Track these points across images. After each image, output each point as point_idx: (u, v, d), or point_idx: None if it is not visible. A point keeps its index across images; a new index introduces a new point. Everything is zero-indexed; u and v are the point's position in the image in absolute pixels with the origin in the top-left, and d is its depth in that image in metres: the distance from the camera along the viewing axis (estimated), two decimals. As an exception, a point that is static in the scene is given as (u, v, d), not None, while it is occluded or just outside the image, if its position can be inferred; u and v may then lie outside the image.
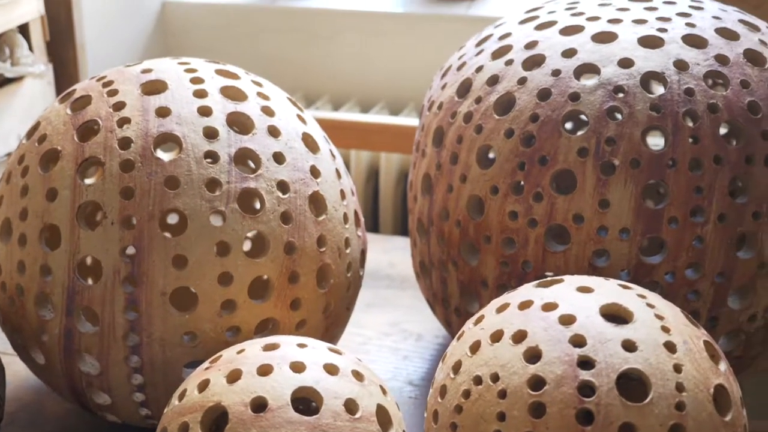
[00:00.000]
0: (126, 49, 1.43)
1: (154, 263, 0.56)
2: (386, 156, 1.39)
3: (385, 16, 1.46)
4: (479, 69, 0.67)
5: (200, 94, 0.61)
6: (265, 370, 0.49)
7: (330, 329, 0.65)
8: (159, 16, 1.53)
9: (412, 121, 1.20)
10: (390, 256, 1.03)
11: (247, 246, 0.70)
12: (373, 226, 1.48)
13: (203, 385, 0.50)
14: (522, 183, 0.61)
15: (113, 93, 0.61)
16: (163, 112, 0.59)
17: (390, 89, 1.48)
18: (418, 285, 0.77)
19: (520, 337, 0.48)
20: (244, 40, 1.54)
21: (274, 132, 0.61)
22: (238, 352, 0.51)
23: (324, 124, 1.10)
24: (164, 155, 0.58)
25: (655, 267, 0.60)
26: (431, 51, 1.42)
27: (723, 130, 0.60)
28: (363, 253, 0.68)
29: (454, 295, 0.69)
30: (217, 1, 1.55)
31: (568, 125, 0.63)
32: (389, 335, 0.85)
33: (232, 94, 0.62)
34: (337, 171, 0.65)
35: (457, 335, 0.54)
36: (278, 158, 0.60)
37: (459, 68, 0.70)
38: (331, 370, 0.51)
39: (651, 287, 0.60)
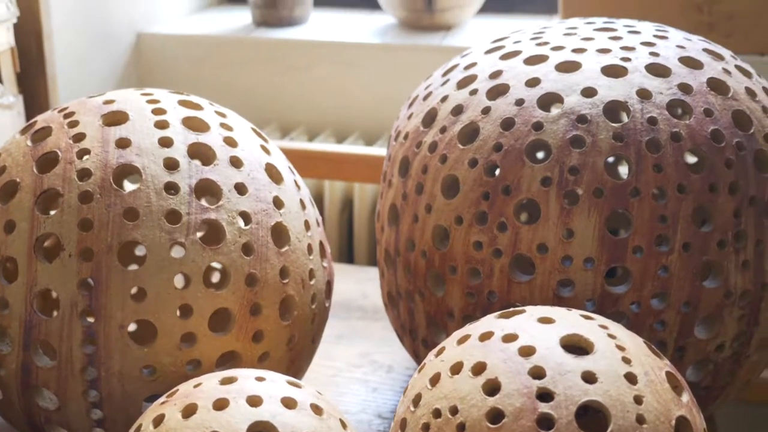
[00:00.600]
0: (100, 81, 1.43)
1: (112, 296, 0.55)
2: (360, 186, 1.39)
3: (360, 46, 1.47)
4: (444, 99, 0.66)
5: (161, 125, 0.60)
6: (221, 405, 0.48)
7: (295, 362, 0.64)
8: (134, 47, 1.52)
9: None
10: (363, 286, 1.02)
11: (216, 277, 0.69)
12: (348, 257, 1.47)
13: (158, 420, 0.49)
14: (486, 213, 0.61)
15: (74, 124, 0.60)
16: (123, 144, 0.58)
17: (365, 119, 1.48)
18: (387, 316, 0.76)
19: (479, 369, 0.48)
20: (219, 71, 1.54)
21: (236, 163, 0.61)
22: (195, 386, 0.51)
23: (297, 154, 1.10)
24: (131, 186, 0.58)
25: (621, 297, 0.59)
26: (407, 81, 1.42)
27: (693, 159, 0.60)
28: (329, 284, 0.68)
29: (421, 326, 0.68)
30: (192, 32, 1.55)
31: (540, 155, 0.63)
32: (359, 367, 0.85)
33: (194, 125, 0.62)
34: (302, 202, 0.65)
35: (419, 367, 0.53)
36: (240, 189, 0.60)
37: (425, 98, 0.69)
38: (289, 403, 0.50)
39: (617, 317, 0.60)
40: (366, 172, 1.12)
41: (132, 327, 0.62)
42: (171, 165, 0.58)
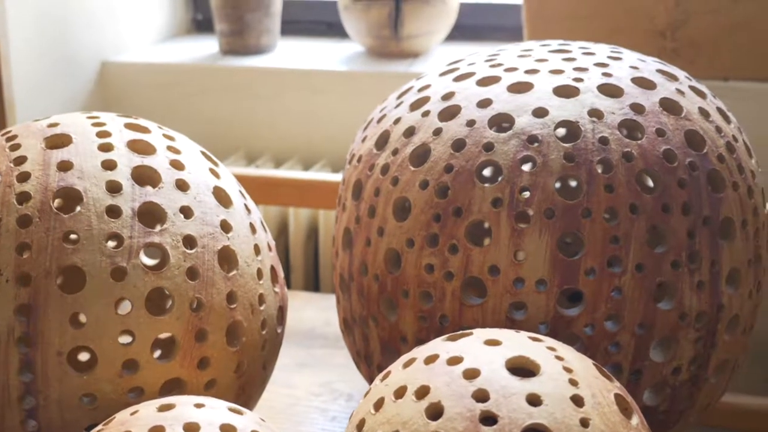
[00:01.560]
0: (62, 109, 1.41)
1: (50, 322, 0.54)
2: (325, 213, 1.37)
3: (326, 74, 1.46)
4: (397, 121, 0.66)
5: (105, 147, 0.59)
6: (156, 432, 0.47)
7: (245, 389, 0.63)
8: (98, 76, 1.51)
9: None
10: (326, 314, 1.01)
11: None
12: (314, 285, 1.46)
13: (93, 449, 0.48)
14: (437, 235, 0.60)
15: (15, 147, 0.59)
16: (64, 166, 0.57)
17: (332, 147, 1.47)
18: (345, 343, 0.75)
19: (423, 392, 0.47)
20: (185, 99, 1.53)
21: (182, 186, 0.59)
22: (132, 414, 0.49)
23: (261, 181, 1.09)
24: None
25: (574, 319, 0.58)
26: (373, 108, 1.41)
27: (645, 179, 0.59)
28: (281, 309, 0.66)
29: (376, 352, 0.67)
30: (158, 60, 1.54)
31: (491, 175, 0.62)
32: (319, 396, 0.83)
33: (139, 147, 0.60)
34: (252, 225, 0.64)
35: (365, 392, 0.52)
36: (186, 212, 0.58)
37: (379, 120, 0.69)
38: (228, 430, 0.48)
39: (571, 340, 0.58)
40: (331, 199, 1.11)
41: (85, 357, 0.60)
42: (113, 188, 0.57)
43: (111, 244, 0.56)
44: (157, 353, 0.58)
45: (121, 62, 1.53)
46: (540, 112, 0.60)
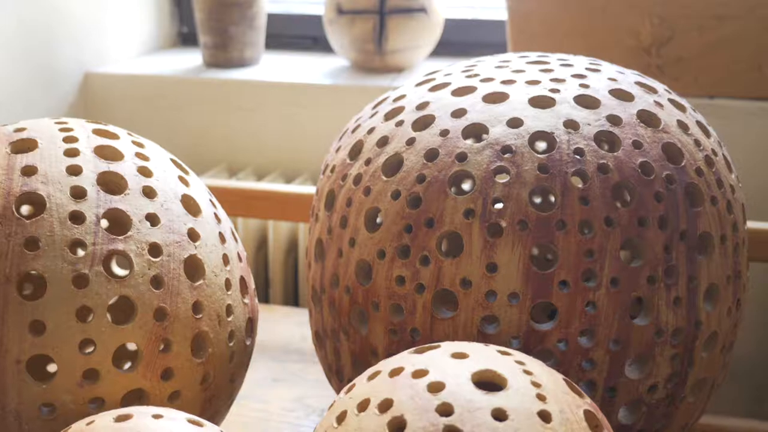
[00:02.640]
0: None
1: (8, 329, 0.52)
2: (305, 227, 1.36)
3: (309, 87, 1.45)
4: (371, 130, 0.65)
5: (71, 153, 0.58)
6: (111, 444, 0.46)
7: (212, 402, 0.61)
8: (81, 87, 1.50)
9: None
10: (303, 329, 1.00)
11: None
12: (294, 300, 1.44)
13: (46, 461, 0.46)
14: (409, 246, 0.59)
15: (-20, 151, 0.58)
16: (28, 171, 0.56)
17: (315, 160, 1.46)
18: (318, 357, 0.73)
19: (386, 406, 0.45)
20: (168, 111, 1.52)
21: (149, 193, 0.58)
22: (88, 424, 0.48)
23: (240, 193, 1.07)
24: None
25: (547, 334, 0.57)
26: (357, 123, 1.40)
27: (622, 192, 0.58)
28: (250, 321, 0.65)
29: (347, 365, 0.65)
30: (141, 72, 1.53)
31: (465, 186, 0.61)
32: (292, 411, 0.82)
33: (107, 153, 0.59)
34: (221, 235, 0.62)
35: (329, 405, 0.51)
36: (152, 219, 0.57)
37: (353, 130, 0.68)
38: (186, 443, 0.47)
39: (544, 356, 0.57)
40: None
41: (53, 368, 0.59)
42: (78, 194, 0.56)
43: (75, 251, 0.54)
44: (127, 365, 0.57)
45: (105, 73, 1.52)
46: (515, 123, 0.59)
